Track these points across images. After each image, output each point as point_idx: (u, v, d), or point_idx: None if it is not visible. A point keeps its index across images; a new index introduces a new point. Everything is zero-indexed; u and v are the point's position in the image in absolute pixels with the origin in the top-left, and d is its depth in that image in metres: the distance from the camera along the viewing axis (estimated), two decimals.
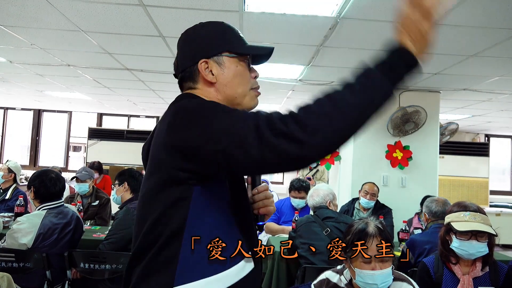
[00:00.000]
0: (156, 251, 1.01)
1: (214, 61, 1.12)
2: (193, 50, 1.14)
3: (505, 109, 6.19)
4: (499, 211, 7.64)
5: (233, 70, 1.13)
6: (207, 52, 1.12)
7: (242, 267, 1.05)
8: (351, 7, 2.67)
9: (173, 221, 1.01)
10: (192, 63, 1.13)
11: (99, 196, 4.38)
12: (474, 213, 2.06)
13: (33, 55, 4.32)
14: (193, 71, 1.13)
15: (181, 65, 1.17)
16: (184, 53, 1.17)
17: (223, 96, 1.13)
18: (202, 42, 1.14)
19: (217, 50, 1.12)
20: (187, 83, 1.16)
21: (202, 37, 1.15)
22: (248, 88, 1.16)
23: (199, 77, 1.13)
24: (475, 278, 2.07)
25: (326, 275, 1.87)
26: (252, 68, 1.19)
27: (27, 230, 2.65)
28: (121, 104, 8.02)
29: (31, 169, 9.11)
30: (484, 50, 3.41)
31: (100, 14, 3.00)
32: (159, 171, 1.03)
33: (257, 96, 1.19)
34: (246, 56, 1.16)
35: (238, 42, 1.16)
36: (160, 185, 1.03)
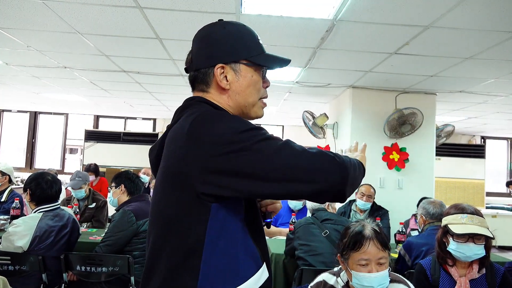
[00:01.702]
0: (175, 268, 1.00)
1: (231, 68, 1.10)
2: (211, 52, 1.11)
3: (500, 111, 6.22)
4: (495, 213, 7.67)
5: (248, 79, 1.12)
6: (226, 57, 1.09)
7: (259, 277, 1.05)
8: (348, 10, 2.68)
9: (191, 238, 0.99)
10: (208, 65, 1.10)
11: (95, 198, 4.36)
12: (471, 216, 2.07)
13: (30, 57, 4.31)
14: (208, 73, 1.11)
15: (196, 64, 1.13)
16: (201, 52, 1.13)
17: (234, 103, 1.12)
18: (222, 46, 1.10)
19: (236, 57, 1.10)
20: (200, 84, 1.13)
21: (222, 40, 1.11)
22: (258, 98, 1.16)
23: (212, 81, 1.11)
24: (472, 280, 2.08)
25: (323, 277, 1.87)
26: (266, 78, 1.18)
27: (23, 233, 2.64)
28: (118, 106, 8.00)
29: (27, 171, 9.08)
30: (479, 53, 3.43)
31: (96, 16, 3.00)
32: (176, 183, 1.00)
33: (263, 107, 1.19)
34: (263, 66, 1.14)
35: (257, 50, 1.13)
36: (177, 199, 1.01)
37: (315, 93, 5.57)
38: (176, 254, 1.01)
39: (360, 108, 5.06)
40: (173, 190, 1.01)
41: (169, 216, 1.03)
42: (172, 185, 1.01)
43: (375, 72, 4.27)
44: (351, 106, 5.05)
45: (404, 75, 4.33)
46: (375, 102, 5.05)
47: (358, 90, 5.04)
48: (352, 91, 5.04)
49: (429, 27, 2.91)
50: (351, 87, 5.04)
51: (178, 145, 1.00)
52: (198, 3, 2.68)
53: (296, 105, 6.63)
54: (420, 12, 2.66)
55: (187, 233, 1.00)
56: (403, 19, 2.80)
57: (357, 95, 5.05)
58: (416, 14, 2.71)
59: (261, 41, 1.16)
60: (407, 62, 3.81)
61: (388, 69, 4.11)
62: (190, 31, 3.21)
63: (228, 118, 1.01)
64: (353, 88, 5.03)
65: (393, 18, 2.79)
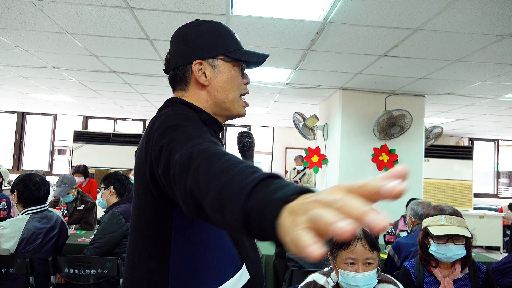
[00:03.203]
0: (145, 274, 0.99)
1: (209, 64, 1.09)
2: (188, 49, 1.09)
3: (488, 113, 6.31)
4: (483, 214, 7.76)
5: (227, 74, 1.10)
6: (203, 53, 1.08)
7: (238, 279, 1.01)
8: (338, 12, 2.70)
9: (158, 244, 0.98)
10: (185, 63, 1.09)
11: (84, 200, 4.31)
12: (449, 216, 2.10)
13: (17, 57, 4.26)
14: (186, 71, 1.10)
15: (173, 62, 1.12)
16: (178, 51, 1.11)
17: (213, 100, 1.10)
18: (199, 42, 1.09)
19: (213, 52, 1.09)
20: (179, 84, 1.12)
21: (198, 37, 1.09)
22: (239, 94, 1.13)
23: (191, 79, 1.10)
24: (455, 280, 2.10)
25: (313, 277, 1.88)
26: (245, 74, 1.16)
27: (9, 235, 2.60)
28: (107, 107, 7.94)
29: (14, 172, 8.96)
30: (467, 55, 3.47)
31: (86, 16, 2.97)
32: (140, 184, 1.00)
33: (245, 106, 1.16)
34: (241, 61, 1.12)
35: (234, 46, 1.11)
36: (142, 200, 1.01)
37: (306, 95, 5.59)
38: (145, 260, 0.99)
39: (350, 109, 5.09)
40: (141, 192, 1.00)
41: (138, 222, 1.03)
42: (139, 187, 1.00)
43: (365, 74, 4.30)
44: (341, 108, 5.08)
45: (394, 77, 4.37)
46: (364, 104, 5.09)
47: (348, 92, 5.07)
48: (342, 93, 5.07)
49: (418, 29, 2.94)
50: (341, 89, 5.07)
51: (141, 146, 0.99)
52: (188, 4, 2.68)
53: (287, 106, 6.65)
54: (409, 15, 2.69)
55: (153, 238, 0.98)
56: (392, 22, 2.83)
57: (347, 97, 5.08)
58: (405, 17, 2.73)
59: (238, 38, 1.15)
60: (396, 64, 3.84)
61: (378, 71, 4.15)
62: None
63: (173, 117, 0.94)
64: (343, 90, 5.06)
65: (382, 20, 2.81)
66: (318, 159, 5.39)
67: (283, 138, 9.75)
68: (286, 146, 9.70)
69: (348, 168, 5.04)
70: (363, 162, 5.05)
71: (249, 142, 1.21)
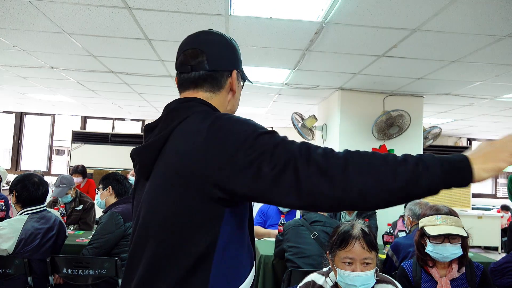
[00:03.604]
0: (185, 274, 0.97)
1: (238, 75, 1.19)
2: (231, 57, 1.18)
3: (486, 114, 6.32)
4: (481, 214, 7.77)
5: (240, 88, 1.23)
6: (238, 65, 1.19)
7: (252, 276, 1.09)
8: (336, 12, 2.70)
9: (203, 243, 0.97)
10: (227, 68, 1.16)
11: (83, 200, 4.31)
12: (445, 216, 2.11)
13: (15, 57, 4.25)
14: (224, 75, 1.15)
15: (214, 64, 1.13)
16: (222, 55, 1.16)
17: (231, 108, 1.20)
18: (236, 55, 1.20)
19: (240, 67, 1.20)
20: (209, 85, 1.13)
21: (235, 50, 1.20)
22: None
23: (226, 83, 1.16)
24: (452, 279, 2.11)
25: (311, 277, 1.88)
26: None
27: (8, 236, 2.60)
28: (106, 107, 7.93)
29: (12, 173, 8.94)
30: (465, 56, 3.48)
31: (84, 16, 2.97)
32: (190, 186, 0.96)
33: None
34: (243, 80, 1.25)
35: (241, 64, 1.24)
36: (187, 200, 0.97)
37: (304, 95, 5.59)
38: (186, 259, 0.97)
39: (348, 110, 5.10)
40: (185, 192, 0.97)
41: (178, 219, 0.98)
42: (184, 187, 0.97)
43: (364, 75, 4.30)
44: (340, 108, 5.09)
45: (392, 78, 4.38)
46: (363, 104, 5.09)
47: (347, 92, 5.07)
48: (341, 93, 5.07)
49: (416, 30, 2.94)
50: (339, 89, 5.07)
51: (195, 147, 0.97)
52: (187, 4, 2.68)
53: (285, 106, 6.65)
54: (408, 15, 2.69)
55: (200, 238, 0.97)
56: (391, 22, 2.83)
57: (345, 97, 5.08)
58: (403, 17, 2.74)
59: None
60: (395, 64, 3.85)
61: (376, 72, 4.15)
62: (179, 32, 3.20)
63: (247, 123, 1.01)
64: (341, 90, 5.06)
65: (381, 21, 2.81)
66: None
67: None
68: None
69: None
70: None
71: None
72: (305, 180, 0.88)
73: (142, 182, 1.11)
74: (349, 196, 0.88)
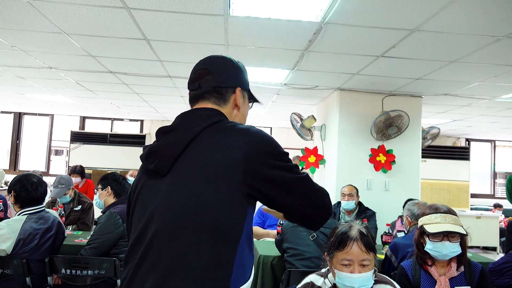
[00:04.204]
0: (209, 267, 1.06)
1: (242, 93, 1.33)
2: (237, 76, 1.33)
3: (484, 114, 6.33)
4: (480, 214, 7.79)
5: (247, 106, 1.38)
6: (243, 84, 1.34)
7: (252, 275, 1.18)
8: (335, 13, 2.70)
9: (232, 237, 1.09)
10: (232, 85, 1.31)
11: (81, 201, 4.30)
12: (445, 215, 2.14)
13: (14, 57, 4.25)
14: (228, 91, 1.30)
15: (219, 80, 1.29)
16: (228, 73, 1.32)
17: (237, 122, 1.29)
18: (242, 75, 1.35)
19: (247, 86, 1.36)
20: (215, 99, 1.28)
21: (240, 70, 1.35)
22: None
23: (231, 99, 1.30)
24: (451, 278, 2.13)
25: (310, 278, 1.88)
26: None
27: (6, 236, 2.59)
28: (105, 107, 7.92)
29: (11, 173, 8.93)
30: (464, 56, 3.49)
31: (83, 16, 2.97)
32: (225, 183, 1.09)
33: None
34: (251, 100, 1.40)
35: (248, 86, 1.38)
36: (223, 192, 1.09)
37: (303, 95, 5.60)
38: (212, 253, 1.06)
39: (347, 110, 5.10)
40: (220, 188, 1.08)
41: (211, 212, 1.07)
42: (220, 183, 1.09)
43: (362, 75, 4.31)
44: (339, 108, 5.09)
45: (391, 78, 4.38)
46: (362, 104, 5.10)
47: (346, 92, 5.07)
48: (340, 93, 5.08)
49: (415, 30, 2.95)
50: (338, 89, 5.08)
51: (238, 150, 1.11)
52: (186, 4, 2.68)
53: (284, 107, 6.65)
54: (407, 16, 2.70)
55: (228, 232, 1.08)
56: (389, 23, 2.84)
57: (344, 97, 5.09)
58: (402, 18, 2.74)
59: None
60: (393, 65, 3.85)
61: (375, 72, 4.16)
62: (178, 33, 3.20)
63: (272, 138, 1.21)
64: (340, 90, 5.07)
65: (380, 21, 2.82)
66: (315, 159, 5.39)
67: (280, 138, 9.73)
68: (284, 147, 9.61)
69: (346, 169, 5.04)
70: (360, 163, 5.05)
71: None
72: None
73: (154, 179, 1.17)
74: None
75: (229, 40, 3.35)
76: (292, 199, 1.16)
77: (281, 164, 1.15)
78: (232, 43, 3.43)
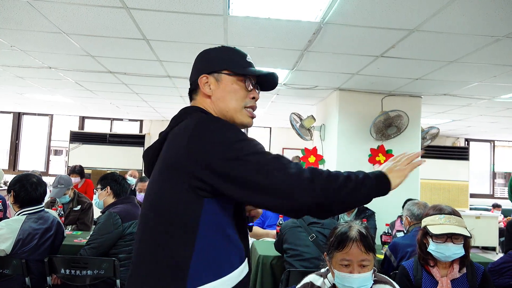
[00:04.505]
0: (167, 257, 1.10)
1: (214, 77, 1.27)
2: (199, 66, 1.31)
3: (484, 114, 6.34)
4: (479, 214, 7.79)
5: (229, 87, 1.27)
6: (209, 68, 1.28)
7: (241, 270, 1.17)
8: (335, 13, 2.70)
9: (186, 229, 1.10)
10: (196, 77, 1.29)
11: (80, 201, 4.30)
12: (449, 216, 2.11)
13: (13, 57, 4.24)
14: (196, 83, 1.29)
15: (190, 78, 1.34)
16: (194, 68, 1.33)
17: (217, 108, 1.27)
18: (208, 60, 1.31)
19: (218, 68, 1.28)
20: (194, 95, 1.32)
21: (209, 56, 1.32)
22: (241, 105, 1.28)
23: (199, 90, 1.29)
24: (453, 280, 2.11)
25: (310, 278, 1.88)
26: (254, 90, 1.31)
27: (5, 236, 2.59)
28: (104, 107, 7.92)
29: (10, 173, 8.93)
30: (463, 56, 3.49)
31: (82, 16, 2.97)
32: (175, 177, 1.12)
33: (251, 117, 1.32)
34: (244, 77, 1.28)
35: (241, 64, 1.29)
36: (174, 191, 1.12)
37: (303, 95, 5.60)
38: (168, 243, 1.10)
39: (346, 110, 5.10)
40: (171, 183, 1.12)
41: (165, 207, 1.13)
42: (170, 178, 1.12)
43: (362, 75, 4.31)
44: (338, 108, 5.09)
45: (390, 78, 4.38)
46: (361, 105, 5.10)
47: (345, 92, 5.08)
48: (339, 93, 5.08)
49: (414, 30, 2.95)
50: (338, 89, 5.08)
51: (181, 144, 1.12)
52: (185, 4, 2.68)
53: (284, 107, 6.65)
54: (406, 16, 2.70)
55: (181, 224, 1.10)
56: (389, 23, 2.84)
57: (344, 97, 5.09)
58: (401, 18, 2.74)
59: (250, 59, 1.33)
60: (393, 65, 3.85)
61: (374, 72, 4.16)
62: (177, 32, 3.19)
63: (226, 127, 1.15)
64: (340, 90, 5.07)
65: (379, 21, 2.82)
66: (315, 159, 5.39)
67: (280, 138, 9.76)
68: (283, 147, 9.70)
69: (345, 169, 4.94)
70: (360, 163, 5.05)
71: None
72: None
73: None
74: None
75: (228, 40, 3.35)
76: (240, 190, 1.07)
77: (225, 153, 1.07)
78: (232, 43, 3.43)
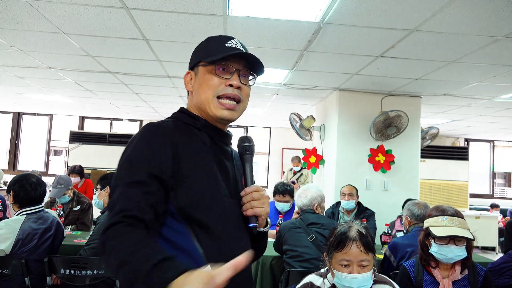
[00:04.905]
0: None
1: (194, 72, 1.23)
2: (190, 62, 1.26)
3: (483, 114, 6.34)
4: (479, 214, 7.79)
5: (201, 78, 1.19)
6: (191, 64, 1.24)
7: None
8: (334, 13, 2.70)
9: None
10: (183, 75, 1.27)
11: (80, 201, 4.30)
12: (452, 218, 2.08)
13: (13, 57, 4.24)
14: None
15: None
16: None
17: (195, 103, 1.22)
18: (191, 57, 1.26)
19: (195, 61, 1.22)
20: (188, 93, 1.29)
21: (193, 52, 1.26)
22: (211, 95, 1.16)
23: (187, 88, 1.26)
24: (455, 281, 2.10)
25: (309, 278, 1.88)
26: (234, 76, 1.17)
27: (5, 236, 2.59)
28: (104, 107, 7.92)
29: (10, 173, 8.93)
30: (463, 57, 3.49)
31: (82, 16, 2.97)
32: None
33: (226, 108, 1.17)
34: (214, 65, 1.16)
35: (214, 52, 1.16)
36: None
37: (302, 95, 5.60)
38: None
39: (346, 110, 5.10)
40: None
41: None
42: None
43: (361, 75, 4.31)
44: (338, 108, 5.09)
45: (390, 78, 4.38)
46: (361, 105, 5.10)
47: (345, 92, 5.08)
48: (339, 94, 5.08)
49: (414, 30, 2.95)
50: (337, 90, 5.08)
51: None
52: (185, 4, 2.68)
53: (283, 107, 6.65)
54: (405, 16, 2.70)
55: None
56: (388, 23, 2.84)
57: (343, 98, 5.09)
58: (401, 18, 2.74)
59: (230, 43, 1.19)
60: (392, 65, 3.85)
61: (374, 72, 4.16)
62: (177, 33, 3.19)
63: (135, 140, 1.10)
64: (339, 90, 5.07)
65: (379, 21, 2.82)
66: (315, 159, 5.40)
67: (280, 138, 9.76)
68: (283, 147, 9.70)
69: (345, 169, 5.04)
70: (359, 163, 5.06)
71: (248, 146, 1.26)
72: None
73: None
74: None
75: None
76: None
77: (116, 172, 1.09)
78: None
